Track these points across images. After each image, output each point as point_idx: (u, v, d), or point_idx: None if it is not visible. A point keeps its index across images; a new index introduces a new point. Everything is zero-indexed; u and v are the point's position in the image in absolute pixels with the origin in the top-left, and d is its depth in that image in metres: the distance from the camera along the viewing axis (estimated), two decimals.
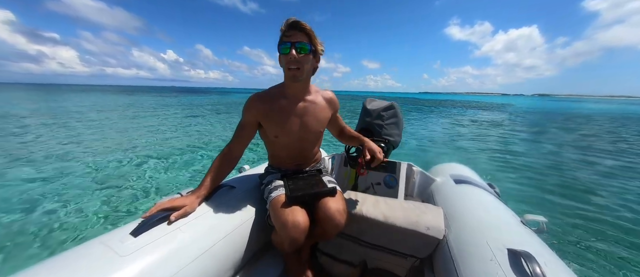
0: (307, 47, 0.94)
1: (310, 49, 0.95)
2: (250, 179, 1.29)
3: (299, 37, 0.92)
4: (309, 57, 0.97)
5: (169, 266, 0.72)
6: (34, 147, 5.15)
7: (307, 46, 0.94)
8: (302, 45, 0.93)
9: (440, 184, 1.41)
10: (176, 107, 16.20)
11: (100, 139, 6.04)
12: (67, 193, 3.11)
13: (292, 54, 0.92)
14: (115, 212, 2.70)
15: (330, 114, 1.17)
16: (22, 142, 5.57)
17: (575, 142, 7.16)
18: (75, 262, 0.63)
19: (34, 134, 6.34)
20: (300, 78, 0.98)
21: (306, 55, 0.95)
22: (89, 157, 4.58)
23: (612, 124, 12.16)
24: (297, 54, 0.93)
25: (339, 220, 0.92)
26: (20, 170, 3.83)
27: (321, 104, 1.12)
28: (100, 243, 0.70)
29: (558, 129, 10.37)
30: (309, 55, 0.96)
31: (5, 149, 4.96)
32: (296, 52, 0.93)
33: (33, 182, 3.42)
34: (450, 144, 6.98)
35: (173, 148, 5.48)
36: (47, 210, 2.72)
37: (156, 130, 7.55)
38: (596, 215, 2.76)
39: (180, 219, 0.85)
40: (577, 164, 4.80)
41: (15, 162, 4.20)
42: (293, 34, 0.92)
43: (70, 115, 10.40)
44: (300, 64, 0.95)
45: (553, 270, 0.65)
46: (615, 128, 10.67)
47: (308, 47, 0.94)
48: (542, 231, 0.95)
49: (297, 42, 0.92)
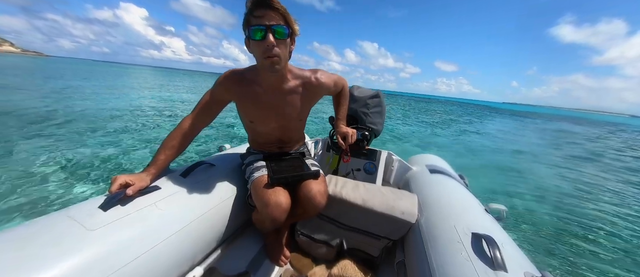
0: (285, 31, 0.79)
1: (287, 33, 0.81)
2: (231, 157, 1.26)
3: (274, 18, 0.77)
4: (287, 42, 0.83)
5: (142, 242, 0.69)
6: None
7: (285, 30, 0.79)
8: (279, 29, 0.78)
9: (416, 172, 1.49)
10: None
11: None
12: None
13: (269, 41, 0.77)
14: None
15: (314, 101, 1.08)
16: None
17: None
18: (40, 235, 0.59)
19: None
20: (279, 67, 0.85)
21: (284, 40, 0.81)
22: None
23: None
24: (275, 40, 0.78)
25: (319, 201, 0.94)
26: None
27: (301, 92, 1.00)
28: (66, 216, 0.66)
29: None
30: (286, 40, 0.82)
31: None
32: (273, 37, 0.78)
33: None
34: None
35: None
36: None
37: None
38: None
39: (156, 195, 0.82)
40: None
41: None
42: (265, 15, 0.76)
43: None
44: (279, 52, 0.81)
45: (509, 252, 0.73)
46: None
47: (286, 30, 0.80)
48: (501, 219, 1.04)
49: (274, 25, 0.77)
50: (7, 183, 2.54)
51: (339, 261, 1.08)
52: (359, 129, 1.55)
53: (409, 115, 15.51)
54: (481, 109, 37.54)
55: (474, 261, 0.70)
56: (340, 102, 1.23)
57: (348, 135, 1.17)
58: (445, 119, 14.67)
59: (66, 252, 0.57)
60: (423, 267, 0.80)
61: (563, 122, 23.47)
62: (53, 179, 2.77)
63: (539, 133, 12.53)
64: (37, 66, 32.22)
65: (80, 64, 73.07)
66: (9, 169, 2.84)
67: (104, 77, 22.49)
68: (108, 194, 0.76)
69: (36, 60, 68.40)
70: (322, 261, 1.14)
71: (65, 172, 2.97)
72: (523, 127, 14.85)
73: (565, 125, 20.14)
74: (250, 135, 1.16)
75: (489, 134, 10.38)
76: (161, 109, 8.36)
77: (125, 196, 0.75)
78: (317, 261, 1.14)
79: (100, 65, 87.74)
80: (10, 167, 2.89)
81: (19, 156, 3.24)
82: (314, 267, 1.09)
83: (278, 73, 0.89)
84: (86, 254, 0.59)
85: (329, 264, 1.10)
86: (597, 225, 2.85)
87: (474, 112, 26.93)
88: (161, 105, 9.27)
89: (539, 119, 25.03)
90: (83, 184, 2.74)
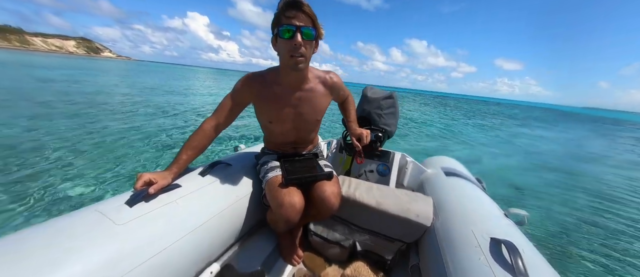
0: (312, 33, 0.86)
1: (314, 35, 0.87)
2: (246, 157, 1.29)
3: (304, 20, 0.83)
4: (313, 44, 0.90)
5: (165, 237, 0.73)
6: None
7: (312, 32, 0.85)
8: (307, 30, 0.84)
9: (431, 175, 1.46)
10: None
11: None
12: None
13: (297, 40, 0.83)
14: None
15: (329, 100, 1.13)
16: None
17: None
18: (72, 228, 0.63)
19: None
20: (303, 67, 0.90)
21: (311, 42, 0.88)
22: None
23: None
24: (302, 40, 0.84)
25: (333, 202, 0.95)
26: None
27: (320, 91, 1.05)
28: (96, 211, 0.70)
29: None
30: (313, 42, 0.89)
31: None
32: (302, 38, 0.84)
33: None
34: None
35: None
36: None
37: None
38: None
39: (177, 192, 0.86)
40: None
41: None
42: (296, 16, 0.82)
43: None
44: (305, 52, 0.87)
45: (531, 258, 0.70)
46: None
47: (313, 33, 0.86)
48: (522, 224, 1.00)
49: (304, 27, 0.83)
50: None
51: (352, 263, 1.08)
52: (372, 130, 1.55)
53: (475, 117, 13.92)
54: (558, 115, 31.73)
55: (493, 266, 0.68)
56: (348, 108, 1.27)
57: (363, 137, 1.19)
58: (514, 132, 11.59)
59: (97, 244, 0.61)
60: (439, 271, 0.78)
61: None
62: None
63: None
64: (130, 68, 42.98)
65: (160, 67, 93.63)
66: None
67: (181, 77, 29.76)
68: (133, 191, 0.80)
69: (128, 63, 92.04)
70: (335, 262, 1.14)
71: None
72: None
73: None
74: (266, 135, 1.19)
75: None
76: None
77: (148, 193, 0.79)
78: (330, 262, 1.15)
79: (173, 68, 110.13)
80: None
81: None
82: (327, 268, 1.09)
83: (300, 72, 0.94)
84: (115, 246, 0.63)
85: (341, 265, 1.11)
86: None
87: (548, 118, 23.31)
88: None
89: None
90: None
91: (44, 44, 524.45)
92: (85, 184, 2.78)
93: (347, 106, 1.26)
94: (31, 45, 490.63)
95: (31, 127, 4.53)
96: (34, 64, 26.13)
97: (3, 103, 6.28)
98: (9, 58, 38.41)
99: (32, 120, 5.00)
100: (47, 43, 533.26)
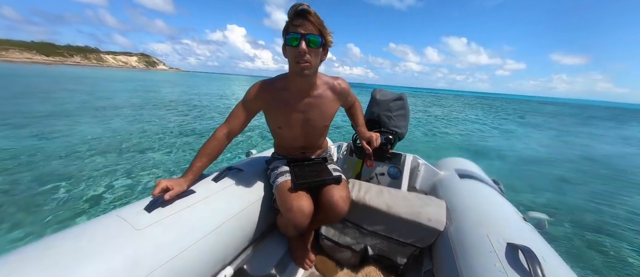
0: (319, 41, 0.87)
1: (321, 42, 0.89)
2: (257, 162, 1.32)
3: (309, 28, 0.85)
4: (319, 51, 0.91)
5: (181, 241, 0.76)
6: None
7: (318, 39, 0.87)
8: (313, 38, 0.86)
9: (445, 177, 1.42)
10: None
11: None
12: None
13: (302, 48, 0.85)
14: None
15: (338, 106, 1.13)
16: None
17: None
18: (94, 233, 0.67)
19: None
20: (309, 73, 0.92)
21: (316, 49, 0.89)
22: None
23: None
24: (307, 48, 0.87)
25: (342, 207, 0.95)
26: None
27: (328, 97, 1.06)
28: (117, 216, 0.74)
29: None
30: (319, 49, 0.90)
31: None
32: (306, 45, 0.86)
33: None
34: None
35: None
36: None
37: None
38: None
39: (193, 198, 0.89)
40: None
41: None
42: (302, 24, 0.85)
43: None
44: (310, 59, 0.89)
45: (552, 266, 0.67)
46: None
47: (319, 40, 0.87)
48: (542, 228, 0.96)
49: (309, 34, 0.85)
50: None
51: (363, 267, 1.07)
52: (382, 133, 1.53)
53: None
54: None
55: (509, 273, 0.65)
56: (355, 113, 1.27)
57: (372, 139, 1.18)
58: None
59: (119, 248, 0.65)
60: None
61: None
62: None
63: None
64: (182, 78, 48.87)
65: (205, 76, 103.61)
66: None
67: (224, 85, 34.29)
68: (152, 197, 0.84)
69: (179, 74, 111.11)
70: (347, 266, 1.13)
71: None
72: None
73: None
74: (276, 140, 1.21)
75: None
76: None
77: (165, 199, 0.82)
78: (341, 266, 1.15)
79: (216, 77, 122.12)
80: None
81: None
82: (339, 272, 1.09)
83: (307, 78, 0.96)
84: (135, 250, 0.66)
85: (353, 269, 1.10)
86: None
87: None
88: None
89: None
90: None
91: (113, 60, 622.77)
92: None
93: (354, 112, 1.26)
94: (105, 63, 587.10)
95: (141, 125, 6.19)
96: (114, 79, 30.72)
97: (130, 111, 8.12)
98: (98, 74, 46.73)
99: (141, 123, 6.56)
100: (116, 59, 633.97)
